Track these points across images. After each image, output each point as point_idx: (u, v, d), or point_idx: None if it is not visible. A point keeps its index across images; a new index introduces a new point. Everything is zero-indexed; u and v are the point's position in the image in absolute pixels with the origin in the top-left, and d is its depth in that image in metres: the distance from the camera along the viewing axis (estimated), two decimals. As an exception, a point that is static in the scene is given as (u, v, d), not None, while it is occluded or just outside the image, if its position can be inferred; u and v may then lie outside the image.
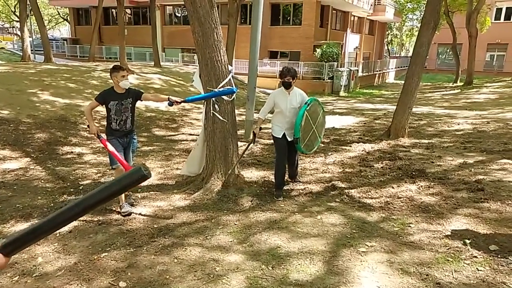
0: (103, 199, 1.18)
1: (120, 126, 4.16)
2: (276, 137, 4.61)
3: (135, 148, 4.49)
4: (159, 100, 4.72)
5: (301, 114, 4.32)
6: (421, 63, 7.43)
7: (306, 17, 22.93)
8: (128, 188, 1.18)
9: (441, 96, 18.40)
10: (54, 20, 44.82)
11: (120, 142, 4.20)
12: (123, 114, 4.14)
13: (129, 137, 4.30)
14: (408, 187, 4.78)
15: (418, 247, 3.27)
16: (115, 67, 4.08)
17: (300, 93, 4.63)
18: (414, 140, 7.54)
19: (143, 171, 1.15)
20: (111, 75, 4.06)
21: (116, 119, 4.13)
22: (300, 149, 4.48)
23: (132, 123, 4.27)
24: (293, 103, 4.50)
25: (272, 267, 3.04)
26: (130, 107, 4.18)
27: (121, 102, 4.10)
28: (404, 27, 50.50)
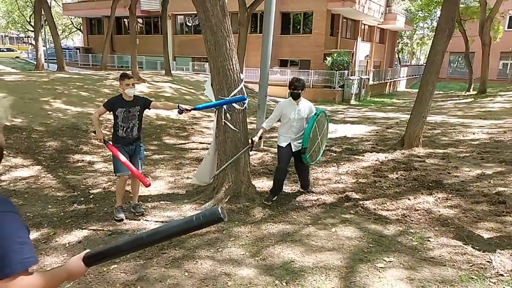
0: (178, 233, 1.33)
1: (126, 134, 4.14)
2: (280, 146, 4.59)
3: (142, 156, 4.45)
4: (168, 108, 4.70)
5: (311, 125, 4.32)
6: (436, 72, 7.28)
7: (316, 26, 22.92)
8: (204, 227, 1.29)
9: (454, 104, 18.12)
10: (68, 29, 45.65)
11: (126, 150, 4.17)
12: (130, 121, 4.12)
13: (135, 144, 4.27)
14: (425, 199, 4.63)
15: (439, 263, 3.12)
16: (122, 75, 4.10)
17: (308, 105, 4.59)
18: (429, 150, 7.36)
19: (220, 214, 1.25)
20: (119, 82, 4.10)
21: (123, 126, 4.11)
22: (306, 159, 4.43)
23: (138, 131, 4.24)
24: (301, 114, 4.47)
25: (286, 283, 2.92)
26: (137, 115, 4.17)
27: (129, 110, 4.09)
28: (415, 36, 50.19)
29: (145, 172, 6.21)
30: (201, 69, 24.95)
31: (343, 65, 21.21)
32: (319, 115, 4.45)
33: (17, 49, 38.99)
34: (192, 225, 1.33)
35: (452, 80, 32.84)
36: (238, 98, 4.56)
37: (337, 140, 9.18)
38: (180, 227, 1.34)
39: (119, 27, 31.65)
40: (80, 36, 44.54)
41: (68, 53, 33.71)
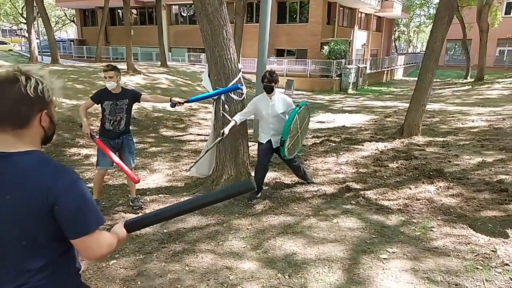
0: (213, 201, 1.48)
1: (113, 127, 4.03)
2: (260, 143, 4.39)
3: (133, 150, 4.32)
4: (159, 101, 4.58)
5: (292, 117, 4.04)
6: (435, 59, 7.20)
7: (313, 14, 22.66)
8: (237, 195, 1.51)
9: (452, 92, 18.07)
10: (61, 21, 45.02)
11: (111, 144, 4.05)
12: (118, 114, 4.00)
13: (122, 138, 4.12)
14: (426, 188, 4.59)
15: (443, 253, 3.09)
16: (104, 67, 3.94)
17: (283, 98, 4.36)
18: (428, 138, 7.32)
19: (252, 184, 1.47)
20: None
21: (110, 119, 3.99)
22: (283, 152, 4.16)
23: (126, 125, 4.11)
24: (275, 109, 4.21)
25: (289, 276, 2.88)
26: (125, 108, 4.03)
27: (116, 103, 3.96)
28: (412, 23, 49.91)
29: (142, 165, 6.15)
30: (197, 60, 24.71)
31: (340, 54, 21.04)
32: (301, 107, 4.19)
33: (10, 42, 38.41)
34: (227, 194, 1.48)
35: (450, 68, 32.74)
36: (231, 87, 4.44)
37: (336, 130, 9.12)
38: (216, 196, 1.50)
39: (113, 18, 31.20)
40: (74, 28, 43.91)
41: (62, 45, 33.23)
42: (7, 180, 1.14)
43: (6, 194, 1.13)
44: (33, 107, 1.19)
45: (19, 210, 1.13)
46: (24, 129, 1.18)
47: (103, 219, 1.25)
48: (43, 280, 1.19)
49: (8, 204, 1.13)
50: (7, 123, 1.16)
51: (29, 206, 1.13)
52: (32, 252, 1.17)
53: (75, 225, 1.18)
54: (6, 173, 1.14)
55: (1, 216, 1.14)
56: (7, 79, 1.16)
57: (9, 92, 1.15)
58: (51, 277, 1.21)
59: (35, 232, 1.16)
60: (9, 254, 1.17)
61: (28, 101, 1.17)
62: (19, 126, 1.17)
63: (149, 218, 1.44)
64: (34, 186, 1.13)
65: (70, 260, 1.29)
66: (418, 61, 36.76)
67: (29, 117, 1.18)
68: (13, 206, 1.13)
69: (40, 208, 1.13)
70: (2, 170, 1.15)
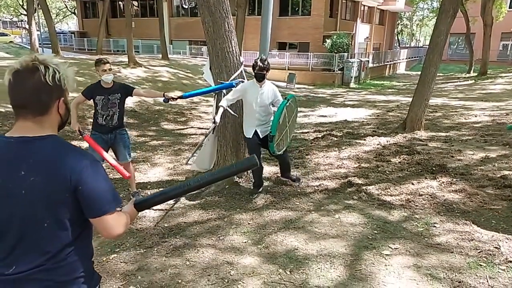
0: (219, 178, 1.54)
1: (106, 122, 3.97)
2: (247, 138, 4.25)
3: (128, 143, 4.26)
4: (152, 96, 4.50)
5: (280, 111, 3.85)
6: (439, 53, 7.12)
7: (315, 7, 22.46)
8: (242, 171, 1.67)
9: (454, 87, 17.95)
10: (62, 13, 44.77)
11: (104, 139, 3.99)
12: (110, 109, 3.94)
13: (115, 133, 4.06)
14: (429, 183, 4.55)
15: (446, 249, 3.06)
16: (97, 60, 3.86)
17: (273, 89, 4.19)
18: (431, 133, 7.27)
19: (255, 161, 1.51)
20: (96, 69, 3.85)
21: (103, 114, 3.93)
22: (272, 148, 3.96)
23: (119, 119, 4.05)
24: (264, 98, 4.08)
25: (290, 271, 2.86)
26: (118, 103, 3.97)
27: (108, 97, 3.89)
28: (415, 17, 49.52)
29: (143, 158, 6.12)
30: (199, 52, 24.56)
31: (342, 48, 20.88)
32: (289, 100, 4.03)
33: (11, 34, 38.25)
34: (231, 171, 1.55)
35: (452, 62, 32.47)
36: (225, 85, 4.36)
37: (338, 124, 9.07)
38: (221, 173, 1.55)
39: (114, 10, 30.99)
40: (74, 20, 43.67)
41: (63, 37, 33.09)
42: (30, 163, 1.18)
43: (29, 176, 1.18)
44: (51, 95, 1.24)
45: (42, 191, 1.18)
46: (44, 115, 1.24)
47: (121, 199, 1.34)
48: (59, 263, 1.24)
49: (32, 186, 1.18)
50: (28, 110, 1.21)
51: (52, 188, 1.19)
52: (51, 234, 1.22)
53: (97, 204, 1.24)
54: (29, 156, 1.19)
55: (25, 197, 1.18)
56: (27, 69, 1.20)
57: (30, 81, 1.20)
58: (67, 260, 1.26)
59: (57, 213, 1.21)
60: (28, 235, 1.21)
61: (47, 89, 1.22)
62: (39, 113, 1.23)
63: (156, 197, 1.49)
64: (57, 169, 1.19)
65: (85, 245, 1.35)
66: (421, 55, 36.52)
67: (48, 104, 1.24)
68: (37, 188, 1.18)
69: (62, 189, 1.19)
70: (24, 153, 1.19)
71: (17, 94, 1.21)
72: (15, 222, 1.20)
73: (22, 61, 1.22)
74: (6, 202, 1.19)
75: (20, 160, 1.19)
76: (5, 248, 1.21)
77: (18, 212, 1.19)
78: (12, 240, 1.21)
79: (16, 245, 1.21)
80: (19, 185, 1.18)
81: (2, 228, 1.21)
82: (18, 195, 1.18)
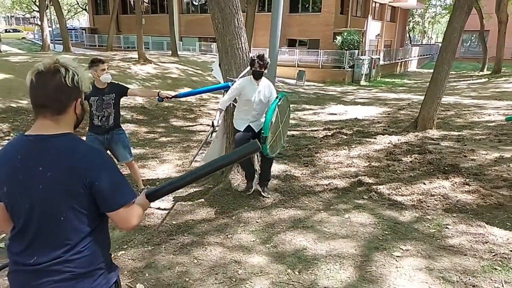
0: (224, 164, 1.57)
1: (102, 123, 3.92)
2: (238, 130, 4.11)
3: (127, 143, 4.20)
4: (147, 95, 4.43)
5: (272, 110, 3.67)
6: (453, 51, 6.98)
7: (326, 4, 22.25)
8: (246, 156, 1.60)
9: (467, 85, 17.66)
10: (73, 9, 45.13)
11: (100, 140, 3.95)
12: (105, 110, 3.88)
13: (112, 133, 4.01)
14: (441, 184, 4.46)
15: (459, 252, 2.98)
16: (94, 60, 3.78)
17: (269, 85, 4.09)
18: (443, 132, 7.15)
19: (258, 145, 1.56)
20: (90, 69, 3.74)
21: (98, 115, 3.87)
22: (265, 150, 3.72)
23: (115, 119, 3.99)
24: (261, 95, 3.98)
25: (299, 272, 2.81)
26: (113, 103, 3.90)
27: (102, 98, 3.83)
28: (427, 14, 48.80)
29: (152, 155, 6.12)
30: (208, 49, 24.55)
31: (353, 45, 20.67)
32: (281, 99, 3.87)
33: (23, 30, 38.71)
34: (236, 156, 1.58)
35: (465, 60, 31.94)
36: (222, 85, 4.28)
37: (348, 122, 8.98)
38: (225, 159, 1.58)
39: (125, 7, 31.13)
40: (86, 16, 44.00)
41: (74, 33, 33.39)
42: (48, 159, 1.25)
43: (47, 171, 1.25)
44: (70, 96, 1.31)
45: (59, 186, 1.25)
46: (61, 115, 1.31)
47: (135, 193, 1.41)
48: (77, 254, 1.30)
49: (49, 181, 1.25)
50: (47, 109, 1.28)
51: (68, 182, 1.25)
52: (69, 227, 1.28)
53: (113, 199, 1.31)
54: (47, 152, 1.26)
55: (43, 192, 1.25)
56: (49, 70, 1.27)
57: (51, 82, 1.27)
58: (84, 252, 1.31)
59: (74, 207, 1.28)
60: (46, 228, 1.28)
61: (66, 91, 1.29)
62: (57, 112, 1.30)
63: (167, 187, 1.53)
64: (73, 164, 1.26)
65: (102, 237, 1.40)
66: (433, 53, 35.99)
67: (66, 104, 1.31)
68: (54, 183, 1.25)
69: (78, 184, 1.26)
70: (42, 150, 1.26)
71: (38, 94, 1.28)
72: (34, 215, 1.27)
73: (45, 63, 1.28)
74: (26, 196, 1.27)
75: (38, 156, 1.25)
76: (26, 240, 1.29)
77: (37, 206, 1.27)
78: (32, 233, 1.28)
79: (35, 237, 1.28)
80: (37, 180, 1.25)
81: (23, 221, 1.29)
82: (36, 190, 1.25)
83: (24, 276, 1.30)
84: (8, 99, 8.26)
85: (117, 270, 1.49)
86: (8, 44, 24.86)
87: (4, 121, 7.31)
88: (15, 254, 1.32)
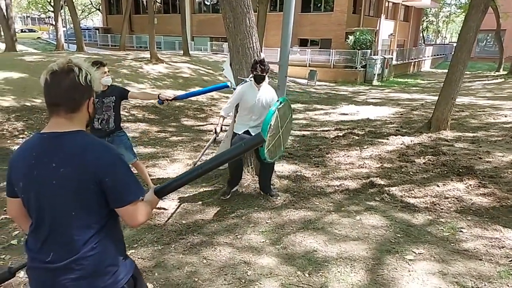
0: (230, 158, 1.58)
1: (102, 126, 3.88)
2: (236, 133, 4.04)
3: (129, 144, 4.15)
4: (147, 98, 4.39)
5: (272, 112, 3.57)
6: (468, 50, 6.85)
7: (338, 3, 22.08)
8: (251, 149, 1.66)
9: (482, 85, 17.33)
10: (87, 9, 45.74)
11: None
12: (105, 113, 3.85)
13: (113, 136, 3.97)
14: (455, 186, 4.37)
15: (473, 256, 2.91)
16: (95, 62, 3.77)
17: (271, 90, 4.03)
18: (458, 133, 7.01)
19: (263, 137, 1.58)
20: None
21: (98, 117, 3.84)
22: (263, 153, 3.59)
23: (116, 122, 3.95)
24: (263, 100, 3.91)
25: (309, 274, 2.78)
26: (112, 106, 3.87)
27: (102, 100, 3.80)
28: (441, 13, 48.07)
29: (163, 154, 6.14)
30: (220, 49, 24.59)
31: (365, 44, 20.47)
32: (282, 103, 3.77)
33: (39, 30, 39.37)
34: (242, 149, 1.57)
35: (480, 60, 31.36)
36: (220, 86, 4.24)
37: (359, 122, 8.88)
38: (231, 152, 1.58)
39: (138, 7, 31.40)
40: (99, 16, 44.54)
41: (87, 33, 33.78)
42: (61, 156, 1.29)
43: (60, 168, 1.28)
44: (83, 94, 1.36)
45: (71, 182, 1.28)
46: (75, 113, 1.34)
47: (144, 190, 1.44)
48: (90, 251, 1.32)
49: (62, 177, 1.28)
50: (61, 108, 1.32)
51: (80, 179, 1.28)
52: (79, 223, 1.31)
53: (122, 195, 1.34)
54: (60, 149, 1.29)
55: (56, 187, 1.29)
56: (63, 70, 1.31)
57: (65, 81, 1.31)
58: (97, 248, 1.33)
59: (85, 202, 1.31)
60: (58, 224, 1.31)
61: (80, 89, 1.34)
62: (71, 110, 1.33)
63: (175, 182, 1.55)
64: (84, 161, 1.29)
65: (114, 233, 1.43)
66: (447, 53, 35.44)
67: (80, 103, 1.35)
68: (66, 179, 1.28)
69: (89, 180, 1.29)
70: (56, 147, 1.30)
71: (53, 93, 1.31)
72: (47, 211, 1.31)
73: (59, 63, 1.32)
74: (40, 192, 1.30)
75: (52, 153, 1.29)
76: (41, 237, 1.33)
77: (50, 202, 1.30)
78: (46, 229, 1.32)
79: (49, 234, 1.32)
80: (51, 176, 1.28)
81: (37, 217, 1.33)
82: (50, 185, 1.29)
83: (43, 274, 1.34)
84: (23, 98, 8.39)
85: (132, 265, 1.52)
86: (23, 44, 25.28)
87: (19, 119, 7.42)
88: (32, 251, 1.36)
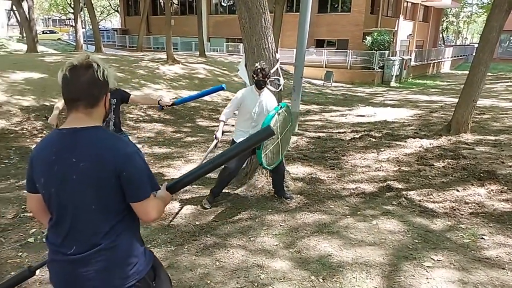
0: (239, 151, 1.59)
1: None
2: (235, 141, 4.02)
3: None
4: (148, 103, 4.37)
5: (271, 116, 3.51)
6: (490, 51, 6.64)
7: (355, 4, 21.83)
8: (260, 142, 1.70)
9: (505, 87, 16.83)
10: (106, 11, 46.53)
11: None
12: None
13: None
14: (476, 191, 4.23)
15: (496, 265, 2.80)
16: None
17: (271, 96, 3.99)
18: (478, 137, 6.81)
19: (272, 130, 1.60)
20: None
21: None
22: (260, 156, 3.50)
23: (116, 125, 3.95)
24: (263, 107, 3.87)
25: (323, 279, 2.72)
26: (113, 108, 3.88)
27: None
28: (462, 13, 47.04)
29: (177, 154, 6.16)
30: (235, 50, 24.63)
31: (383, 45, 20.15)
32: (283, 108, 3.73)
33: (59, 31, 40.25)
34: (251, 142, 1.59)
35: (503, 61, 30.54)
36: (215, 88, 4.19)
37: (377, 124, 8.74)
38: (242, 145, 1.58)
39: (155, 8, 31.77)
40: (118, 17, 45.26)
41: (106, 34, 34.37)
42: (80, 150, 1.31)
43: (80, 162, 1.30)
44: (101, 89, 1.38)
45: (91, 176, 1.31)
46: (93, 108, 1.37)
47: (159, 185, 1.47)
48: (110, 244, 1.35)
49: (82, 171, 1.31)
50: (80, 103, 1.34)
51: (99, 173, 1.31)
52: (99, 217, 1.34)
53: (138, 190, 1.37)
54: (79, 144, 1.32)
55: (76, 182, 1.31)
56: (82, 65, 1.33)
57: (84, 77, 1.33)
58: (116, 241, 1.37)
59: (104, 196, 1.34)
60: (79, 218, 1.34)
61: (98, 85, 1.36)
62: (90, 105, 1.36)
63: (187, 177, 1.56)
64: (103, 155, 1.31)
65: (133, 225, 1.46)
66: (467, 54, 34.64)
67: (98, 98, 1.38)
68: (86, 173, 1.30)
69: (108, 174, 1.31)
70: (75, 142, 1.32)
71: (72, 88, 1.33)
72: (69, 205, 1.34)
73: (79, 58, 1.34)
74: (61, 187, 1.33)
75: (72, 148, 1.32)
76: (63, 231, 1.36)
77: (71, 197, 1.33)
78: (67, 223, 1.35)
79: (71, 228, 1.35)
80: (71, 172, 1.31)
81: (58, 213, 1.36)
82: (70, 180, 1.31)
83: (65, 266, 1.37)
84: (43, 97, 8.56)
85: (151, 256, 1.54)
86: (44, 45, 25.88)
87: (38, 119, 7.57)
88: (54, 245, 1.39)
